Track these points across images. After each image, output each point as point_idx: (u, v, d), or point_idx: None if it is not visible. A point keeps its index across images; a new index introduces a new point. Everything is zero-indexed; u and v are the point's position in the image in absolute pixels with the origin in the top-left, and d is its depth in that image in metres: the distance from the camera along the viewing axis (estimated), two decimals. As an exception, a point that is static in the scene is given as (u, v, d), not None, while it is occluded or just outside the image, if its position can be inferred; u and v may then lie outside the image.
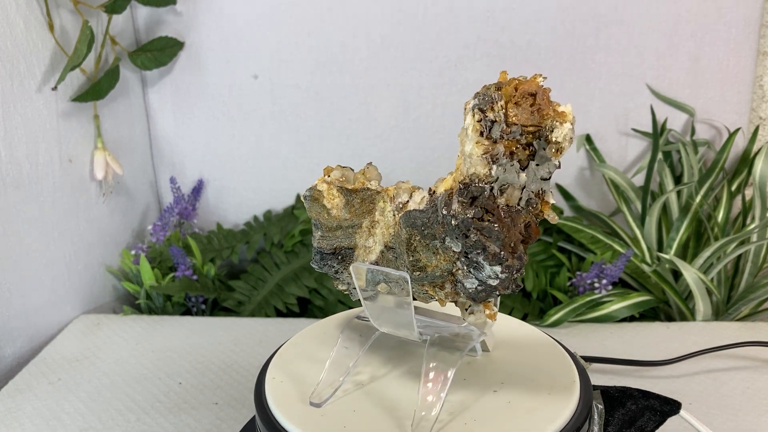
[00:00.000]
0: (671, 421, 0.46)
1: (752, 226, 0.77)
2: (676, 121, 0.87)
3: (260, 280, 0.82)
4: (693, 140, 0.84)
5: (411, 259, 0.38)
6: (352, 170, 0.42)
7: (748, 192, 0.85)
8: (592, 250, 0.79)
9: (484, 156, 0.35)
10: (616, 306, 0.73)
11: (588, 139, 0.88)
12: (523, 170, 0.35)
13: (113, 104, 0.84)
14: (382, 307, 0.40)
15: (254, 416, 0.41)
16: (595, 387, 0.44)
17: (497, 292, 0.37)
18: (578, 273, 0.76)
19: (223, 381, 0.64)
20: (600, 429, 0.40)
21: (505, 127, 0.35)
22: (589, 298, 0.73)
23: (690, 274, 0.71)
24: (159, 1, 0.83)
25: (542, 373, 0.41)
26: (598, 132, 0.88)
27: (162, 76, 0.90)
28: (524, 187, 0.35)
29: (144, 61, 0.84)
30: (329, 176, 0.42)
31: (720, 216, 0.80)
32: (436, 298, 0.40)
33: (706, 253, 0.74)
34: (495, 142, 0.35)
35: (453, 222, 0.35)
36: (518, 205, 0.36)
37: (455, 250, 0.36)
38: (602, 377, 0.61)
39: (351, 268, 0.40)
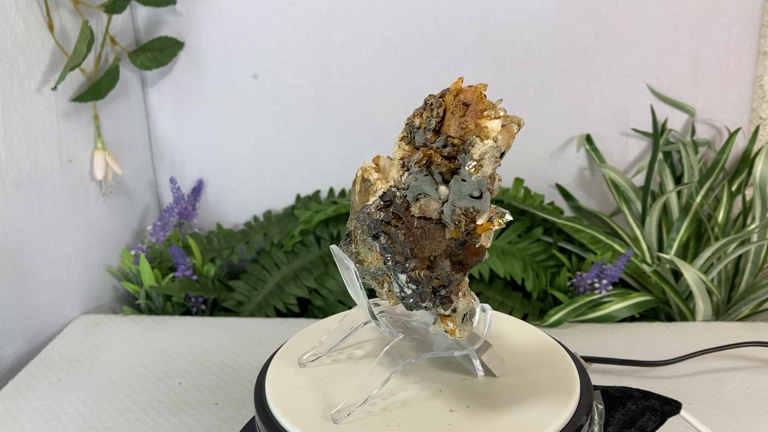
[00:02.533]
0: (671, 422, 0.46)
1: (752, 226, 0.77)
2: (677, 121, 0.87)
3: (260, 281, 0.82)
4: (693, 140, 0.84)
5: (354, 250, 0.39)
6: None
7: (749, 192, 0.85)
8: (592, 250, 0.79)
9: (400, 161, 0.35)
10: (616, 306, 0.73)
11: (588, 139, 0.88)
12: (446, 183, 0.34)
13: (113, 104, 0.84)
14: (355, 294, 0.41)
15: (254, 416, 0.41)
16: (596, 387, 0.44)
17: (422, 304, 0.36)
18: (578, 273, 0.76)
19: (223, 381, 0.64)
20: (600, 429, 0.40)
21: (430, 135, 0.34)
22: (589, 299, 0.72)
23: (690, 274, 0.71)
24: (159, 1, 0.83)
25: (542, 373, 0.41)
26: (599, 132, 0.88)
27: (162, 76, 0.90)
28: (445, 201, 0.34)
29: (144, 61, 0.84)
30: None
31: (720, 216, 0.80)
32: (384, 295, 0.40)
33: (707, 254, 0.74)
34: (417, 148, 0.34)
35: (367, 221, 0.35)
36: (440, 219, 0.35)
37: (378, 250, 0.36)
38: (602, 377, 0.61)
39: (330, 248, 0.40)
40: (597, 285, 0.74)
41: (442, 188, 0.34)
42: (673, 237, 0.78)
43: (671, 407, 0.46)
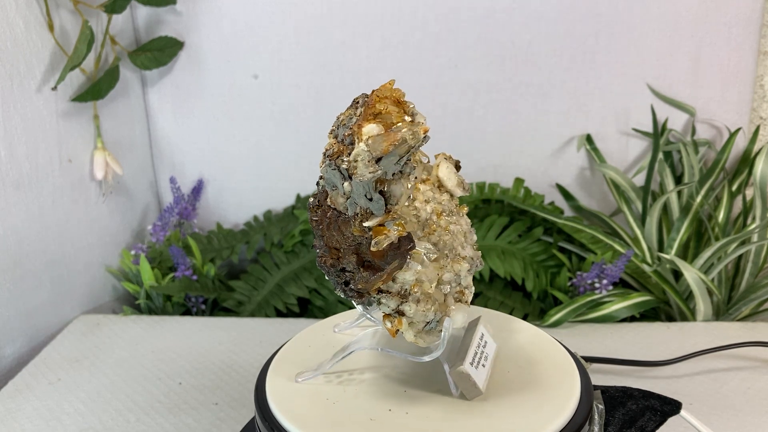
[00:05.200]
0: (672, 421, 0.46)
1: (753, 226, 0.77)
2: (677, 121, 0.87)
3: (260, 280, 0.82)
4: (693, 140, 0.84)
5: None
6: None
7: (749, 192, 0.85)
8: (592, 250, 0.79)
9: (324, 151, 0.36)
10: (616, 306, 0.73)
11: (588, 139, 0.88)
12: (350, 180, 0.35)
13: (113, 104, 0.84)
14: None
15: (254, 416, 0.41)
16: (596, 387, 0.44)
17: (335, 291, 0.38)
18: (579, 273, 0.76)
19: (223, 381, 0.64)
20: (600, 429, 0.40)
21: (347, 131, 0.35)
22: (589, 298, 0.72)
23: (690, 274, 0.71)
24: (159, 1, 0.83)
25: (543, 373, 0.41)
26: (599, 132, 0.88)
27: (162, 76, 0.90)
28: (349, 196, 0.35)
29: (144, 61, 0.84)
30: None
31: (720, 216, 0.80)
32: None
33: (707, 253, 0.74)
34: (339, 142, 0.35)
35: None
36: (346, 212, 0.35)
37: None
38: (603, 377, 0.61)
39: None
40: (597, 285, 0.74)
41: (346, 184, 0.34)
42: (674, 237, 0.78)
43: (671, 407, 0.46)
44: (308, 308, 0.82)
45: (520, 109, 0.88)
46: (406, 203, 0.40)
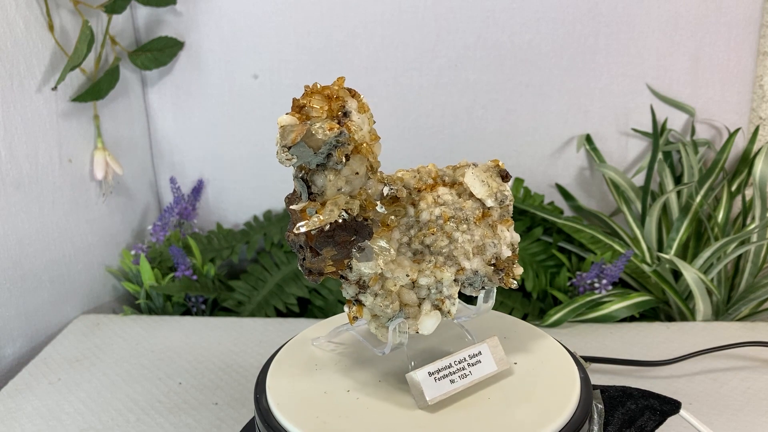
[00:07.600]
0: (671, 421, 0.46)
1: (752, 226, 0.77)
2: (677, 121, 0.87)
3: (260, 280, 0.82)
4: (693, 140, 0.84)
5: None
6: None
7: (748, 192, 0.85)
8: (592, 250, 0.79)
9: None
10: (616, 306, 0.73)
11: (588, 139, 0.88)
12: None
13: (113, 104, 0.84)
14: None
15: (254, 416, 0.41)
16: (595, 387, 0.44)
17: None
18: (578, 273, 0.76)
19: (223, 381, 0.64)
20: (600, 428, 0.40)
21: None
22: (589, 298, 0.72)
23: (690, 274, 0.71)
24: (159, 1, 0.83)
25: (542, 373, 0.41)
26: (599, 132, 0.88)
27: (162, 76, 0.90)
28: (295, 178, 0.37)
29: (144, 61, 0.84)
30: None
31: (720, 216, 0.80)
32: None
33: (706, 253, 0.74)
34: None
35: None
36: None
37: None
38: (602, 377, 0.61)
39: None
40: (597, 285, 0.74)
41: (293, 170, 0.37)
42: (673, 237, 0.78)
43: (671, 407, 0.46)
44: (308, 308, 0.82)
45: (519, 109, 0.88)
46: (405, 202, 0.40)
